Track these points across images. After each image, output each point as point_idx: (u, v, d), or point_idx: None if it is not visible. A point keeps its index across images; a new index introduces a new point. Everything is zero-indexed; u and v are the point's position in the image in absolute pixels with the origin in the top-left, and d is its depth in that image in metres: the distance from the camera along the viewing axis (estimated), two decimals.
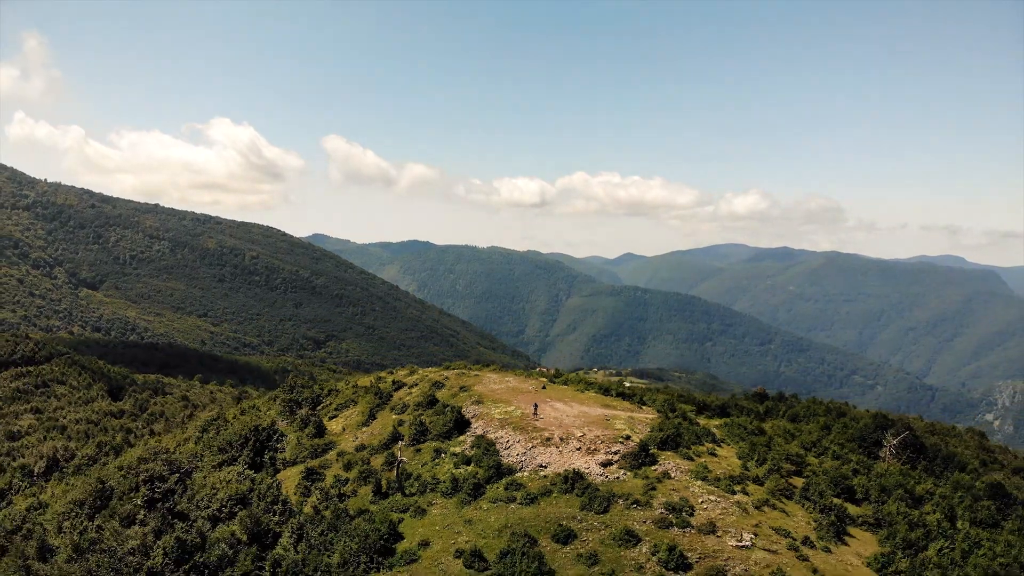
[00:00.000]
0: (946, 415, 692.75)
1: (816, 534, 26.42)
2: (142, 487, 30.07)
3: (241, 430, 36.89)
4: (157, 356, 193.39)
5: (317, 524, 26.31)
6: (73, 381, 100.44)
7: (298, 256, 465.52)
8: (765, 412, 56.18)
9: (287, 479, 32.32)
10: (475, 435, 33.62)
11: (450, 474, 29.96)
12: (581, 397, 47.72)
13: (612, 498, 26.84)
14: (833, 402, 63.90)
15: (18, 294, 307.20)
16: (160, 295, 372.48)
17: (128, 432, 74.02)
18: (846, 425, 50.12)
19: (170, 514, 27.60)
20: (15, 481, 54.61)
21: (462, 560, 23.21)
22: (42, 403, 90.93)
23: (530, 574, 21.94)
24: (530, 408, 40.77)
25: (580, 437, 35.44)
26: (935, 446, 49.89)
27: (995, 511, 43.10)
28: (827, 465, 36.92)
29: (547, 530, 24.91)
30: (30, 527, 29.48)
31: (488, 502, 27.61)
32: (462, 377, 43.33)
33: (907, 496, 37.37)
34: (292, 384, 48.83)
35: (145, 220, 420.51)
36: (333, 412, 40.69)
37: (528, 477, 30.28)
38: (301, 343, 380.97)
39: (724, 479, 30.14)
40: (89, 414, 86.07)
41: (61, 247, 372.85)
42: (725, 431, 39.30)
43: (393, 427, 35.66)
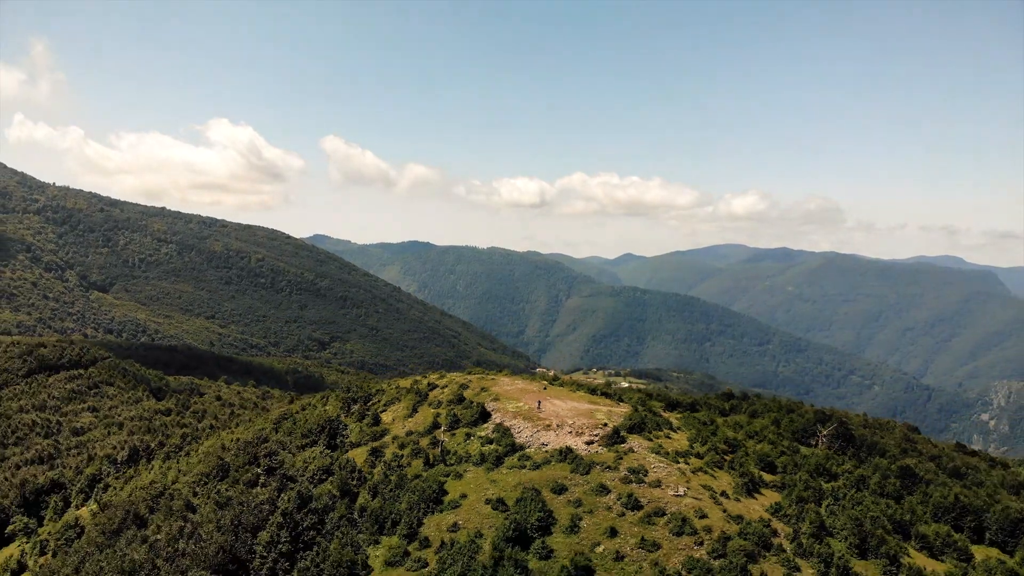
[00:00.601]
0: (942, 415, 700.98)
1: (732, 491, 37.87)
2: (262, 460, 41.53)
3: (317, 421, 48.42)
4: (177, 358, 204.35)
5: (386, 485, 37.79)
6: (120, 383, 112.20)
7: (302, 259, 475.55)
8: (730, 409, 67.76)
9: (356, 456, 43.58)
10: (495, 423, 45.40)
11: (478, 450, 41.71)
12: (573, 396, 59.75)
13: (592, 465, 38.56)
14: (789, 400, 75.39)
15: (32, 297, 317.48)
16: (169, 297, 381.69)
17: (183, 427, 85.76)
18: (792, 420, 61.70)
19: (284, 478, 39.02)
20: (104, 467, 66.49)
21: (490, 506, 34.94)
22: (97, 403, 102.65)
23: (536, 513, 33.55)
24: (535, 403, 52.51)
25: (571, 424, 47.21)
26: (863, 437, 61.50)
27: (900, 487, 55.06)
28: (760, 448, 48.52)
29: (547, 485, 36.52)
30: (170, 493, 40.61)
31: (506, 468, 39.42)
32: (482, 380, 55.18)
33: (824, 472, 49.00)
34: (348, 386, 60.05)
35: (152, 223, 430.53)
36: (382, 407, 52.25)
37: (534, 452, 42.04)
38: (306, 344, 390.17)
39: (672, 453, 41.92)
40: (141, 412, 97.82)
41: (72, 250, 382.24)
42: (682, 421, 51.05)
43: (433, 418, 47.38)
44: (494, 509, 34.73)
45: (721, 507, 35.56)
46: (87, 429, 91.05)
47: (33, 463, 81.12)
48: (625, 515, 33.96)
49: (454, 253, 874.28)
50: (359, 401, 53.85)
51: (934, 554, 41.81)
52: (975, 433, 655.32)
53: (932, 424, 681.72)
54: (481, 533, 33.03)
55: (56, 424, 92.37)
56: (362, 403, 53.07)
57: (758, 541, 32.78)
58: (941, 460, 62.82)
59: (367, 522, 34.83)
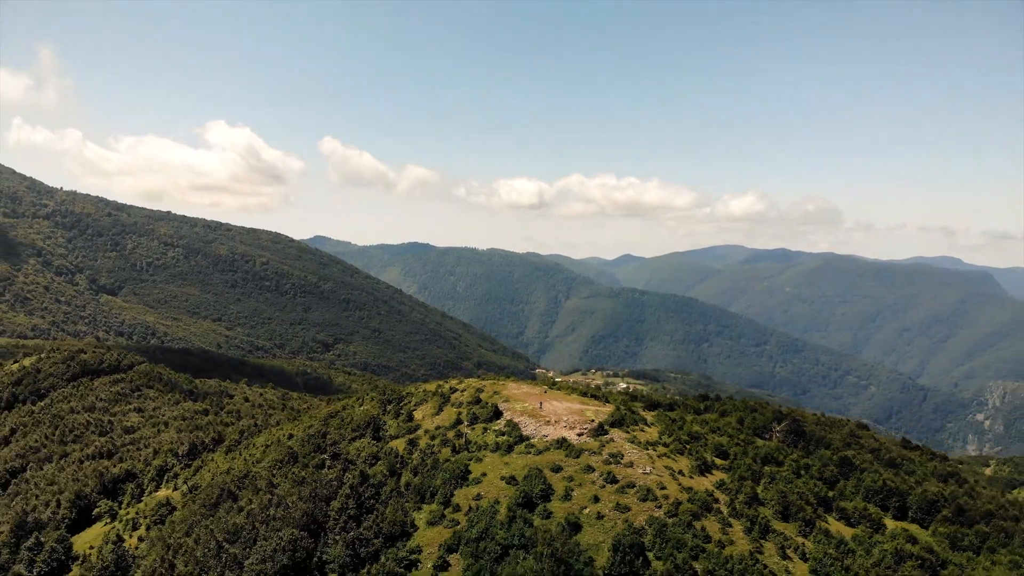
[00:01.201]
0: (937, 415, 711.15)
1: (688, 470, 49.64)
2: (328, 449, 53.28)
3: (362, 418, 60.25)
4: (193, 361, 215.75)
5: (424, 466, 49.52)
6: (158, 386, 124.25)
7: (306, 262, 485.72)
8: (704, 408, 79.64)
9: (397, 445, 55.06)
10: (506, 420, 57.13)
11: (493, 440, 53.43)
12: (568, 398, 71.73)
13: (581, 451, 50.37)
14: (756, 402, 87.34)
15: (45, 300, 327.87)
16: (176, 300, 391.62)
17: (226, 425, 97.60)
18: (754, 418, 73.59)
19: (345, 462, 50.67)
20: (168, 460, 78.47)
21: (504, 481, 46.72)
22: (141, 404, 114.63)
23: (539, 486, 45.26)
24: (537, 404, 64.23)
25: (566, 420, 59.02)
26: (813, 432, 73.44)
27: (838, 473, 67.09)
28: (718, 439, 60.33)
29: (547, 466, 48.22)
30: (253, 475, 52.32)
31: (516, 454, 51.14)
32: (494, 385, 67.08)
33: (771, 460, 60.89)
34: (384, 389, 71.74)
35: (159, 228, 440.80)
36: (413, 407, 64.00)
37: (537, 441, 53.75)
38: (311, 346, 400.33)
39: (644, 443, 53.69)
40: (182, 412, 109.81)
41: (81, 254, 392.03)
42: (655, 418, 62.95)
43: (456, 415, 59.18)
44: (507, 483, 46.56)
45: (677, 482, 47.33)
46: (137, 428, 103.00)
47: (94, 458, 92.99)
48: (605, 487, 45.82)
49: (454, 255, 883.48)
50: (394, 402, 65.68)
51: (851, 523, 53.69)
52: (970, 433, 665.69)
53: (927, 424, 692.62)
54: (498, 500, 44.76)
55: (108, 423, 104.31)
56: (396, 404, 64.88)
57: (702, 505, 44.57)
58: (880, 452, 74.67)
59: (411, 494, 46.55)
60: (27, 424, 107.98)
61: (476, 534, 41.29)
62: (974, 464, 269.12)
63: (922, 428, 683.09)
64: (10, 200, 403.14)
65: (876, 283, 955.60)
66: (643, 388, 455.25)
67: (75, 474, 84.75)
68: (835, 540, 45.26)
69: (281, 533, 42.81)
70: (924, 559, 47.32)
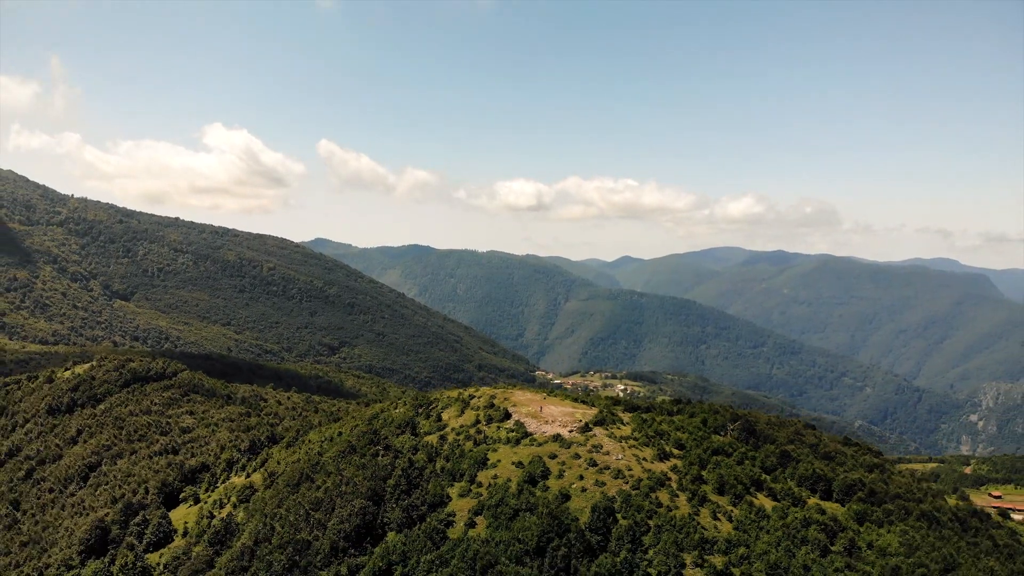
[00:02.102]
0: (932, 416, 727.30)
1: (651, 458, 66.92)
2: (381, 441, 70.54)
3: (402, 418, 77.62)
4: (216, 366, 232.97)
5: (453, 455, 66.83)
6: (201, 390, 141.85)
7: (311, 267, 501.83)
8: (676, 411, 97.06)
9: (431, 439, 72.36)
10: (514, 420, 74.58)
11: (505, 435, 70.74)
12: (562, 403, 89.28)
13: (571, 443, 67.66)
14: (721, 406, 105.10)
15: (63, 307, 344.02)
16: (187, 305, 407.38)
17: (272, 426, 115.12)
18: (716, 419, 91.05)
19: (395, 452, 67.96)
20: (234, 454, 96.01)
21: (514, 465, 64.07)
22: (191, 407, 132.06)
23: (540, 468, 62.53)
24: (538, 408, 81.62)
25: (560, 420, 76.41)
26: (763, 431, 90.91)
27: (777, 462, 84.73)
28: (679, 435, 77.72)
29: (546, 455, 65.50)
30: (322, 463, 69.51)
31: (522, 445, 68.47)
32: (504, 393, 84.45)
33: (721, 452, 78.37)
34: (416, 395, 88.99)
35: (169, 234, 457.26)
36: (440, 410, 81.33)
37: (538, 436, 71.12)
38: (317, 349, 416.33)
39: (619, 437, 71.05)
40: (228, 415, 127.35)
41: (94, 261, 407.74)
42: (631, 419, 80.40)
43: (475, 417, 76.53)
44: (516, 467, 63.89)
45: (641, 466, 64.63)
46: (192, 428, 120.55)
47: (159, 454, 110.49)
48: (588, 469, 63.11)
49: (454, 257, 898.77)
50: (424, 406, 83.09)
51: (777, 499, 71.16)
52: (964, 434, 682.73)
53: (922, 425, 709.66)
54: (510, 479, 61.93)
55: (166, 424, 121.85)
56: (427, 407, 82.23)
57: (657, 482, 61.88)
58: (818, 447, 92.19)
59: (445, 475, 63.84)
60: (91, 426, 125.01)
61: (495, 502, 58.71)
62: (955, 463, 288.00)
63: (916, 429, 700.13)
64: (25, 208, 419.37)
65: (873, 285, 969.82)
66: (640, 389, 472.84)
67: (151, 466, 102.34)
68: (756, 508, 62.74)
69: (353, 503, 60.39)
70: (827, 525, 64.97)
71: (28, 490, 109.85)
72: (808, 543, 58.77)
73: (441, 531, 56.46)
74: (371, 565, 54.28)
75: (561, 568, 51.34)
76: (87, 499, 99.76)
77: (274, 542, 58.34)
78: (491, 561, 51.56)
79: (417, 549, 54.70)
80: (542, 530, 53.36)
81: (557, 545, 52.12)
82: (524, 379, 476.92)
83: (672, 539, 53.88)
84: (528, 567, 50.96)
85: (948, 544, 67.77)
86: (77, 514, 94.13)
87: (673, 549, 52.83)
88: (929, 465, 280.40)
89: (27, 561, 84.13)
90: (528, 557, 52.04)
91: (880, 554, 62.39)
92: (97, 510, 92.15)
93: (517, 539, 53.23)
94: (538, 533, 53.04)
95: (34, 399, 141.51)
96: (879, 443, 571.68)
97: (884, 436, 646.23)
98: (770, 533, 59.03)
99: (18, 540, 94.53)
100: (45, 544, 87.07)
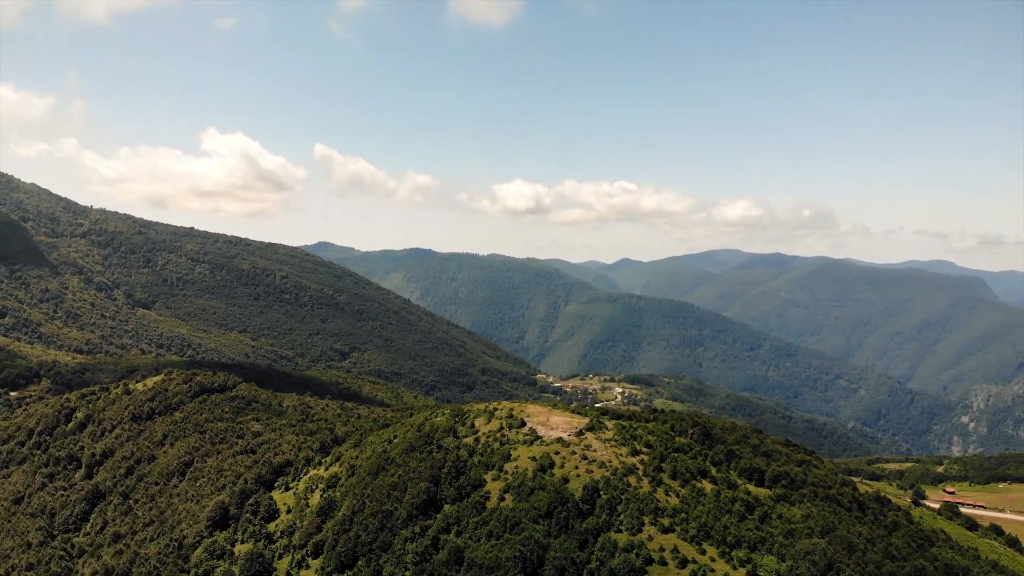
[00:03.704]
0: (924, 417, 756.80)
1: (626, 454, 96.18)
2: (434, 442, 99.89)
3: (445, 424, 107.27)
4: (249, 374, 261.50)
5: (485, 452, 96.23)
6: (260, 400, 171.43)
7: (321, 275, 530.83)
8: (652, 418, 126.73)
9: (468, 441, 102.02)
10: (528, 427, 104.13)
11: (522, 438, 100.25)
12: (563, 414, 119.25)
13: (569, 443, 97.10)
14: (686, 415, 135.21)
15: (93, 316, 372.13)
16: (205, 313, 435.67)
17: (330, 430, 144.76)
18: (681, 425, 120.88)
19: (445, 450, 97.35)
20: (309, 453, 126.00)
21: (530, 459, 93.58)
22: (255, 415, 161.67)
23: (547, 461, 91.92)
24: (546, 418, 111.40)
25: (561, 427, 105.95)
26: (717, 434, 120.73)
27: (724, 459, 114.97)
28: (650, 438, 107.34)
29: (552, 452, 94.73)
30: (391, 457, 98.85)
31: (535, 445, 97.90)
32: (521, 407, 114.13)
33: (680, 450, 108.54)
34: (455, 406, 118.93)
35: (186, 245, 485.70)
36: (473, 419, 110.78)
37: (545, 439, 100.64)
38: (329, 355, 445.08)
39: (603, 439, 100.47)
40: (288, 420, 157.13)
41: (116, 271, 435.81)
42: (614, 426, 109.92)
43: (500, 424, 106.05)
44: (531, 460, 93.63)
45: (618, 459, 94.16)
46: (261, 432, 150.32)
47: (241, 453, 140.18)
48: (581, 461, 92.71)
49: (455, 261, 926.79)
50: (460, 415, 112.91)
51: (716, 484, 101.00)
52: (955, 435, 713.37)
53: (914, 426, 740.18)
54: (527, 468, 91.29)
55: (240, 429, 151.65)
56: (462, 416, 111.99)
57: (628, 470, 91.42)
58: (759, 447, 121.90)
59: (481, 466, 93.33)
60: (175, 431, 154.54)
61: (517, 484, 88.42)
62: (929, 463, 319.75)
63: (909, 430, 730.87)
64: (49, 221, 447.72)
65: (869, 288, 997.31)
66: (637, 392, 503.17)
67: (239, 463, 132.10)
68: (698, 489, 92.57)
69: (419, 485, 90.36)
70: (749, 502, 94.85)
71: (133, 484, 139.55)
72: (731, 513, 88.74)
73: (481, 503, 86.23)
74: (435, 526, 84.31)
75: (563, 526, 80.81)
76: (190, 489, 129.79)
77: (367, 512, 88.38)
78: (516, 521, 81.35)
79: (466, 515, 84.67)
80: (550, 502, 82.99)
81: (560, 511, 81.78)
82: (525, 382, 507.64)
83: (636, 507, 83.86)
84: (541, 525, 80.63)
85: (837, 517, 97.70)
86: (188, 500, 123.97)
87: (636, 514, 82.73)
88: (906, 465, 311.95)
89: (159, 536, 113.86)
90: (540, 519, 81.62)
91: (785, 522, 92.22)
92: (209, 496, 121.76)
93: (533, 508, 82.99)
94: (547, 503, 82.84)
95: (117, 408, 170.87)
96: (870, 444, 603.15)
97: (876, 437, 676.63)
98: (704, 505, 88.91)
99: (140, 521, 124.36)
100: (170, 523, 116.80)
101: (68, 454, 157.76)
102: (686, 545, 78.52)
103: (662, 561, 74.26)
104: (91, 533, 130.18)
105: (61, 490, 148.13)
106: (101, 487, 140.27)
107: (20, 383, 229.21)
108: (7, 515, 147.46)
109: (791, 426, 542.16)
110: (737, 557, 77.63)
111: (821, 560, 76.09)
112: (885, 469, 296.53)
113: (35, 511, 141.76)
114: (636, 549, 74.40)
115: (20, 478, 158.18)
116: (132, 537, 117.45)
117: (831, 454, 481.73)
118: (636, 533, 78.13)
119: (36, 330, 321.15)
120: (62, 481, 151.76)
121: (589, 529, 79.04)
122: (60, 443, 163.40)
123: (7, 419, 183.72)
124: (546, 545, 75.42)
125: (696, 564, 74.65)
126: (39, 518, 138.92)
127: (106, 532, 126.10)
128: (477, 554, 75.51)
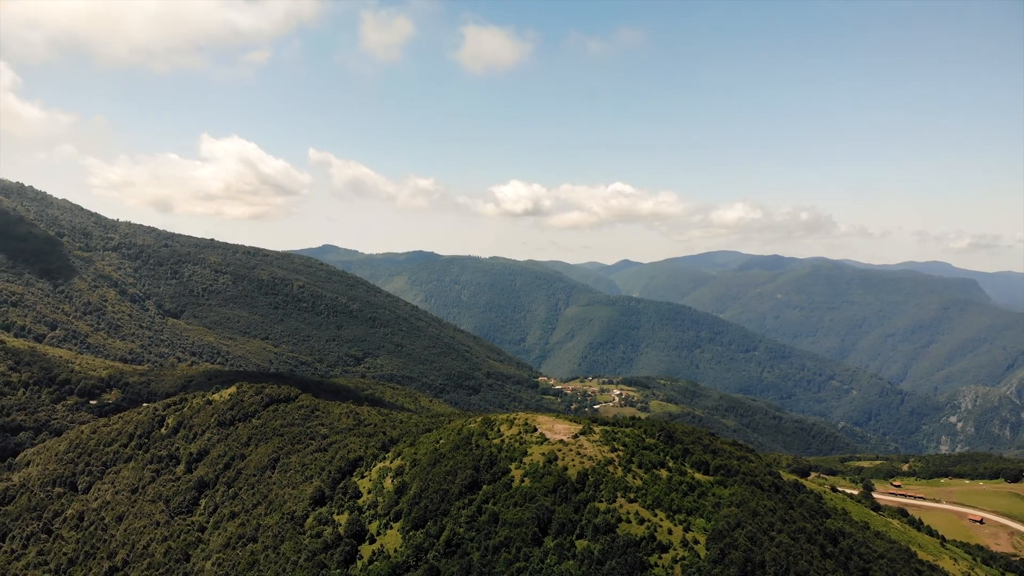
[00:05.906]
0: (913, 417, 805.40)
1: (608, 450, 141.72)
2: (473, 442, 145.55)
3: (479, 429, 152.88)
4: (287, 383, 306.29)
5: (510, 450, 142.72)
6: (320, 409, 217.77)
7: (335, 284, 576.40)
8: (631, 424, 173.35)
9: (496, 441, 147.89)
10: (539, 432, 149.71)
11: (535, 439, 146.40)
12: (565, 422, 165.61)
13: (568, 444, 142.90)
14: (657, 422, 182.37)
15: (131, 327, 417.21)
16: (229, 322, 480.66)
17: (384, 433, 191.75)
18: (651, 430, 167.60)
19: (481, 448, 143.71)
20: (373, 451, 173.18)
21: (541, 454, 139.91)
22: (320, 420, 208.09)
23: (552, 456, 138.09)
24: (552, 425, 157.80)
25: (563, 432, 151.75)
26: (678, 437, 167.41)
27: (681, 454, 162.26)
28: (625, 439, 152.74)
29: (556, 450, 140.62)
30: (442, 452, 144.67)
31: (544, 445, 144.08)
32: (533, 417, 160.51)
33: (650, 448, 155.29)
34: (485, 416, 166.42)
35: (208, 256, 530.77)
36: (498, 426, 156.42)
37: (551, 440, 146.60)
38: (345, 360, 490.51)
39: (592, 440, 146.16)
40: (347, 424, 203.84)
41: (147, 283, 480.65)
42: (600, 430, 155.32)
43: (518, 430, 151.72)
44: (541, 455, 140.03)
45: (601, 454, 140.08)
46: (328, 435, 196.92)
47: (315, 452, 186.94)
48: (576, 456, 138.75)
49: (458, 263, 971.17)
50: (488, 423, 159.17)
51: (669, 472, 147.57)
52: (943, 434, 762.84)
53: (904, 426, 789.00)
54: (538, 461, 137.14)
55: (310, 432, 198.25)
56: (490, 424, 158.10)
57: (607, 462, 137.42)
58: (709, 446, 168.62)
59: (506, 459, 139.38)
60: (257, 435, 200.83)
61: (532, 471, 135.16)
62: (896, 461, 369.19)
63: (899, 430, 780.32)
64: (83, 236, 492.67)
65: (863, 290, 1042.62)
66: (634, 394, 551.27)
67: (319, 458, 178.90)
68: (656, 475, 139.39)
69: (465, 472, 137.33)
70: (690, 484, 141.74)
71: (234, 476, 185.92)
72: (677, 491, 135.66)
73: (509, 484, 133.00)
74: (478, 499, 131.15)
75: (563, 498, 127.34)
76: (283, 479, 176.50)
77: (430, 490, 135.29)
78: (532, 495, 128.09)
79: (498, 491, 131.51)
80: (554, 482, 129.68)
81: (561, 488, 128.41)
82: (528, 385, 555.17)
83: (612, 486, 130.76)
84: (549, 497, 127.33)
85: (753, 496, 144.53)
86: (284, 487, 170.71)
87: (612, 490, 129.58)
88: (876, 462, 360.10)
89: (269, 512, 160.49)
90: (548, 494, 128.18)
91: (715, 497, 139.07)
92: (302, 484, 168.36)
93: (543, 486, 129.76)
94: (553, 483, 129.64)
95: (203, 415, 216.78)
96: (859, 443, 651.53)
97: (866, 437, 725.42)
98: (659, 485, 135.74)
99: (249, 503, 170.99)
100: (276, 503, 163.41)
101: (168, 453, 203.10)
102: (645, 511, 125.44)
103: (627, 520, 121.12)
104: (204, 514, 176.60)
105: (170, 482, 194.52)
106: (204, 479, 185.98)
107: (96, 392, 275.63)
108: (129, 502, 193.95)
109: (781, 426, 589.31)
110: (678, 519, 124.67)
111: (732, 520, 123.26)
112: (851, 466, 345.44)
113: (153, 498, 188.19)
114: (611, 513, 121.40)
115: (130, 473, 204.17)
116: (246, 514, 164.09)
117: (818, 452, 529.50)
118: (612, 503, 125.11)
119: (84, 341, 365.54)
120: (168, 475, 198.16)
121: (581, 500, 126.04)
122: (159, 444, 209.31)
123: (107, 425, 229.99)
124: (552, 510, 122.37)
125: (650, 522, 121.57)
126: (158, 503, 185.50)
127: (219, 512, 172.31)
128: (507, 516, 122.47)
